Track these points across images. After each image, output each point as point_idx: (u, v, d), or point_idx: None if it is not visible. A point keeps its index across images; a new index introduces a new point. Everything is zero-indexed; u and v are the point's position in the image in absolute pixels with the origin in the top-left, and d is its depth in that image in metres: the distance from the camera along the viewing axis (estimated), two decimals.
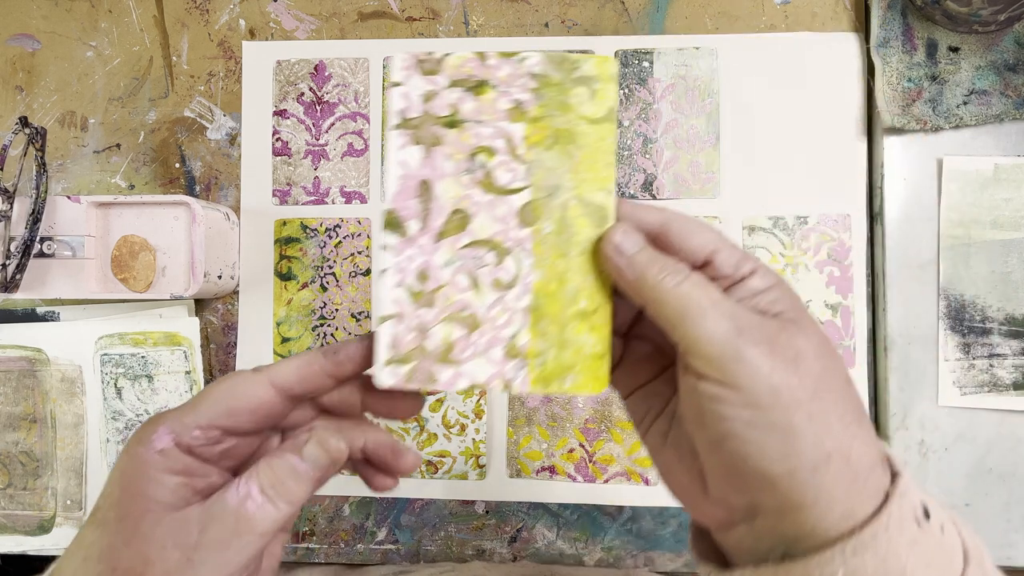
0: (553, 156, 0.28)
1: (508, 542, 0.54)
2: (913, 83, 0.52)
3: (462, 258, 0.28)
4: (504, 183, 0.28)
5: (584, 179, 0.28)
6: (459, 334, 0.28)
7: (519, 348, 0.28)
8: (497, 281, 0.28)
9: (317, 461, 0.27)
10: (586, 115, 0.28)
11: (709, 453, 0.25)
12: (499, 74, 0.28)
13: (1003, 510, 0.51)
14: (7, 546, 0.56)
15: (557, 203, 0.28)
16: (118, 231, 0.53)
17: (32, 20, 0.59)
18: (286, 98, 0.57)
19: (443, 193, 0.28)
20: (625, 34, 0.56)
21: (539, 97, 0.28)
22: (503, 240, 0.28)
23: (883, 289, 0.52)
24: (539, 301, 0.28)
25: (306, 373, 0.28)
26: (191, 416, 0.27)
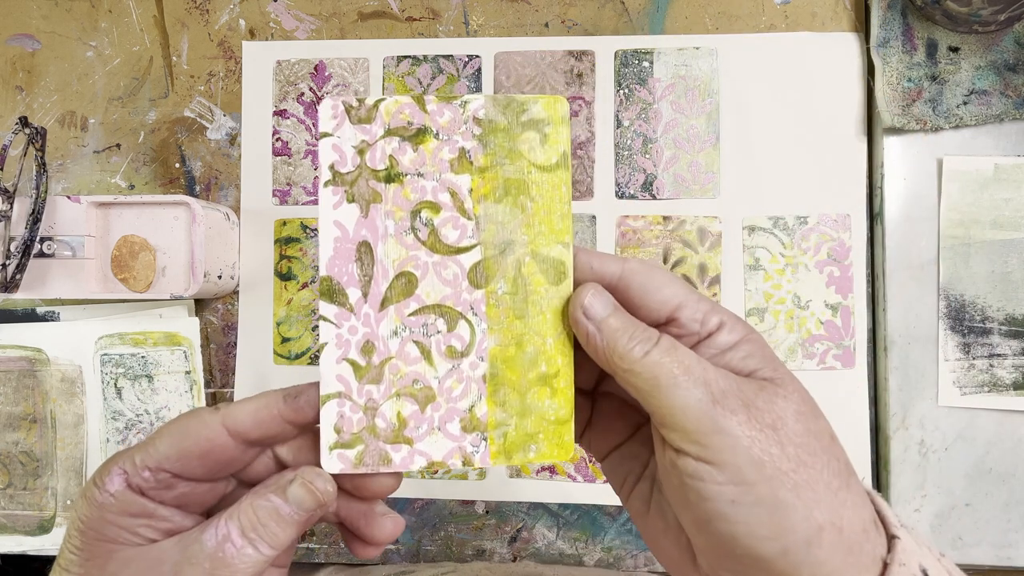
0: (504, 209, 0.26)
1: (508, 542, 0.54)
2: (913, 83, 0.52)
3: (410, 326, 0.26)
4: (452, 241, 0.26)
5: (539, 232, 0.26)
6: (412, 409, 0.26)
7: (478, 420, 0.26)
8: (450, 349, 0.26)
9: (302, 504, 0.24)
10: (537, 162, 0.26)
11: (695, 532, 0.23)
12: (440, 120, 0.26)
13: (1003, 510, 0.51)
14: (7, 546, 0.56)
15: (511, 260, 0.26)
16: (118, 231, 0.53)
17: (32, 20, 0.59)
18: (286, 98, 0.57)
19: (385, 255, 0.25)
20: (625, 34, 0.56)
21: (485, 144, 0.26)
22: (454, 304, 0.26)
23: (883, 289, 0.52)
24: (496, 368, 0.26)
25: (263, 417, 0.25)
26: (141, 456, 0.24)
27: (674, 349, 0.23)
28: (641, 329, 0.24)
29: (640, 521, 0.27)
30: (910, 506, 0.51)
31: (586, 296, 0.25)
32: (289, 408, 0.25)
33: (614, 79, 0.55)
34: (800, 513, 0.21)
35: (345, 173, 0.26)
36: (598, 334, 0.24)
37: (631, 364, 0.23)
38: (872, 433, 0.53)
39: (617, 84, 0.55)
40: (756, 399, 0.23)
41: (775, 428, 0.22)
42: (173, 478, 0.25)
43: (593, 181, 0.55)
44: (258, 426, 0.25)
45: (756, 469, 0.22)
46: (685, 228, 0.54)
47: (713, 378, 0.23)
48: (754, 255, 0.54)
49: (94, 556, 0.24)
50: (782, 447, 0.22)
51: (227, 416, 0.25)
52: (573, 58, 0.55)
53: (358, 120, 0.26)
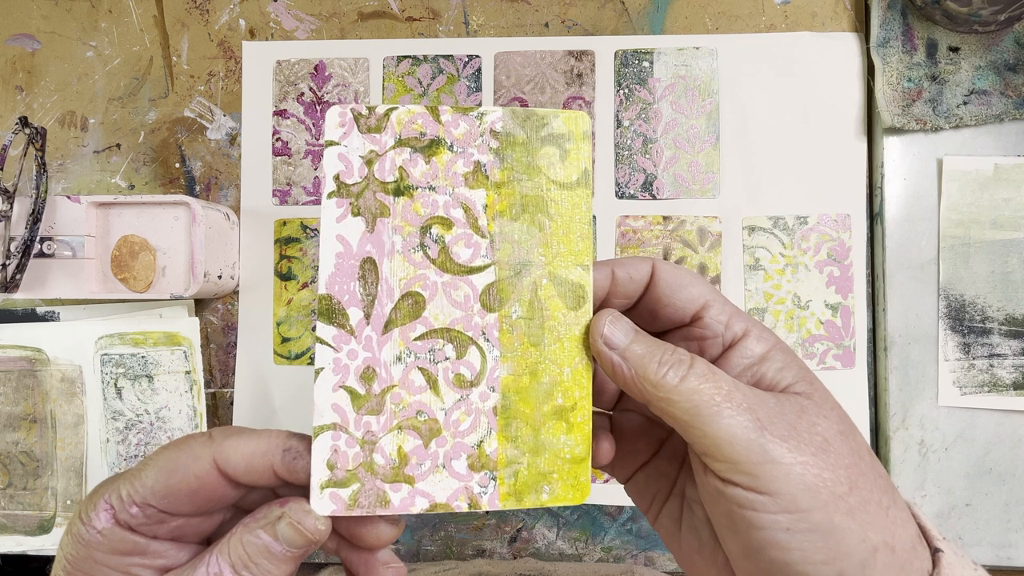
0: (520, 227, 0.24)
1: (508, 542, 0.54)
2: (913, 83, 0.52)
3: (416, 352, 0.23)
4: (464, 260, 0.24)
5: (557, 254, 0.24)
6: (414, 444, 0.23)
7: (487, 457, 0.23)
8: (458, 378, 0.24)
9: (292, 543, 0.23)
10: (557, 179, 0.24)
11: (744, 559, 0.22)
12: (455, 132, 0.24)
13: (1003, 510, 0.51)
14: (7, 546, 0.56)
15: (526, 283, 0.24)
16: (118, 231, 0.53)
17: (32, 20, 0.59)
18: (286, 98, 0.57)
19: (391, 274, 0.23)
20: (625, 34, 0.56)
21: (502, 158, 0.24)
22: (464, 328, 0.24)
23: (883, 289, 0.52)
24: (509, 400, 0.23)
25: (257, 464, 0.23)
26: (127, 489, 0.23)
27: (712, 374, 0.22)
28: (669, 352, 0.23)
29: (671, 540, 0.26)
30: None
31: (604, 324, 0.23)
32: (285, 467, 0.23)
33: (614, 79, 0.55)
34: (856, 536, 0.21)
35: (351, 184, 0.24)
36: (624, 364, 0.23)
37: (667, 392, 0.22)
38: (872, 433, 0.53)
39: (617, 84, 0.55)
40: (800, 422, 0.22)
41: (824, 451, 0.22)
42: (161, 513, 0.23)
43: (593, 181, 0.55)
44: (249, 472, 0.23)
45: (811, 496, 0.21)
46: (685, 228, 0.54)
47: (756, 403, 0.22)
48: (754, 255, 0.54)
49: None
50: (833, 470, 0.21)
51: (219, 453, 0.23)
52: (573, 58, 0.55)
53: (367, 129, 0.24)
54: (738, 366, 0.24)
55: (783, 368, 0.24)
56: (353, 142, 0.24)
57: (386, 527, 0.24)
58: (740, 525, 0.21)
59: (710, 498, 0.23)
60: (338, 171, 0.24)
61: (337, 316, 0.23)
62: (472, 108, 0.24)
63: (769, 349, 0.24)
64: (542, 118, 0.24)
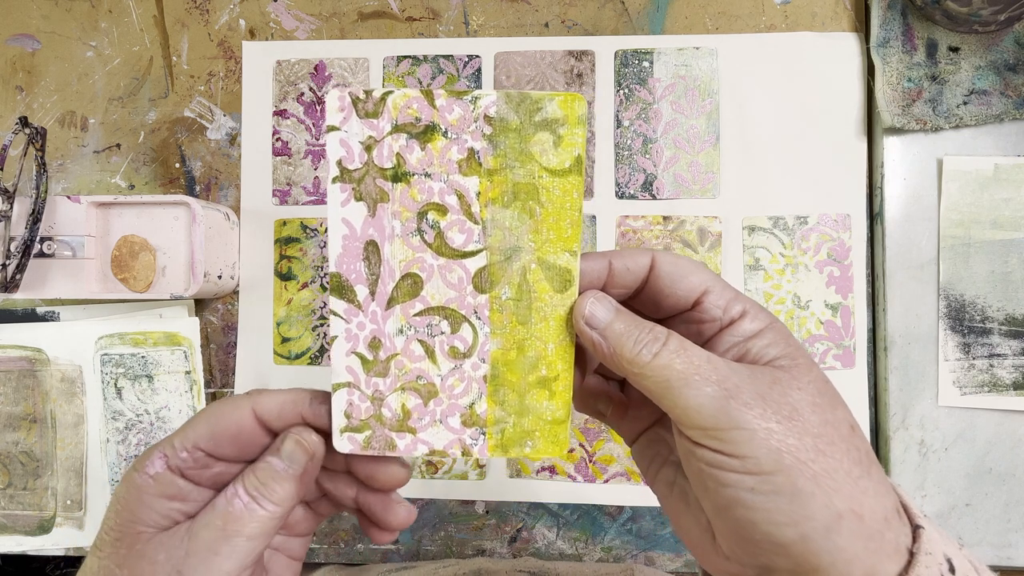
0: (512, 214, 0.25)
1: (508, 542, 0.54)
2: (913, 83, 0.52)
3: (415, 326, 0.26)
4: (458, 245, 0.25)
5: (547, 240, 0.25)
6: (415, 403, 0.26)
7: (477, 416, 0.26)
8: (453, 350, 0.26)
9: (294, 457, 0.26)
10: (549, 166, 0.25)
11: (716, 517, 0.24)
12: (449, 117, 0.25)
13: (1003, 510, 0.51)
14: (7, 546, 0.56)
15: (516, 267, 0.25)
16: (118, 231, 0.53)
17: (32, 20, 0.59)
18: (286, 98, 0.57)
19: (392, 256, 0.25)
20: (625, 34, 0.56)
21: (495, 145, 0.25)
22: (458, 307, 0.26)
23: (883, 289, 0.52)
24: (497, 370, 0.26)
25: (288, 411, 0.27)
26: (179, 439, 0.27)
27: (683, 349, 0.23)
28: (647, 331, 0.24)
29: (665, 503, 0.28)
30: None
31: (587, 305, 0.25)
32: (311, 412, 0.27)
33: (614, 79, 0.55)
34: (819, 501, 0.22)
35: (353, 170, 0.25)
36: (604, 341, 0.24)
37: (641, 368, 0.24)
38: (872, 433, 0.53)
39: (617, 84, 0.55)
40: (771, 391, 0.23)
41: (791, 419, 0.22)
42: (207, 457, 0.27)
43: (593, 181, 0.55)
44: (281, 418, 0.27)
45: (774, 459, 0.22)
46: (685, 228, 0.54)
47: (725, 375, 0.23)
48: (754, 255, 0.54)
49: (124, 536, 0.26)
50: (800, 437, 0.22)
51: (257, 403, 0.27)
52: (573, 58, 0.55)
53: (365, 114, 0.25)
54: (728, 343, 0.25)
55: (770, 345, 0.25)
56: (353, 127, 0.25)
57: (398, 467, 0.28)
58: (710, 484, 0.23)
59: (685, 460, 0.24)
60: (340, 156, 0.25)
61: (346, 292, 0.26)
62: (467, 92, 0.25)
63: (762, 328, 0.25)
64: (536, 102, 0.25)
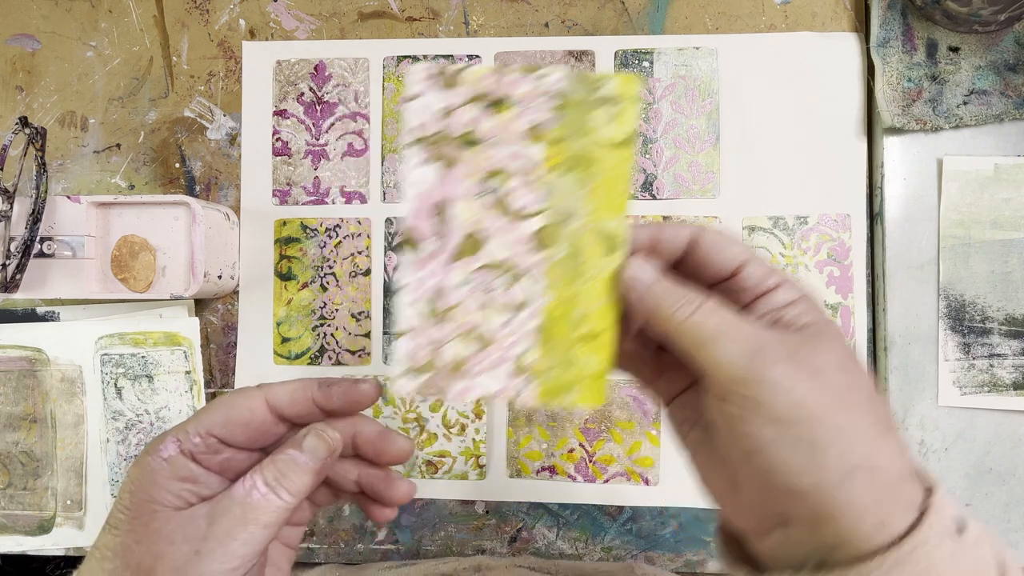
0: (569, 181, 0.28)
1: (508, 542, 0.54)
2: (913, 83, 0.52)
3: (475, 280, 0.28)
4: (519, 207, 0.28)
5: (599, 206, 0.28)
6: (470, 351, 0.28)
7: (526, 366, 0.28)
8: (508, 303, 0.28)
9: (315, 451, 0.28)
10: (605, 139, 0.28)
11: (739, 466, 0.25)
12: (518, 91, 0.28)
13: (1003, 510, 0.51)
14: (7, 546, 0.56)
15: (571, 229, 0.28)
16: (118, 231, 0.53)
17: (32, 20, 0.59)
18: (286, 98, 0.57)
19: (458, 215, 0.28)
20: (625, 34, 0.56)
21: (559, 117, 0.28)
22: (516, 264, 0.28)
23: (883, 289, 0.52)
24: (547, 324, 0.28)
25: (299, 397, 0.29)
26: (193, 425, 0.28)
27: (716, 310, 0.25)
28: (683, 293, 0.26)
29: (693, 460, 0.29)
30: None
31: (632, 268, 0.27)
32: (321, 394, 0.29)
33: None
34: (835, 453, 0.23)
35: (429, 135, 0.28)
36: (643, 301, 0.27)
37: (676, 325, 0.25)
38: None
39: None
40: (799, 350, 0.24)
41: (815, 377, 0.24)
42: (219, 443, 0.28)
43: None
44: (292, 404, 0.29)
45: (795, 411, 0.23)
46: None
47: (755, 334, 0.25)
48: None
49: (140, 515, 0.27)
50: (822, 394, 0.23)
51: (269, 392, 0.29)
52: (573, 58, 0.55)
53: (444, 85, 0.28)
54: (762, 311, 0.26)
55: (802, 314, 0.26)
56: (432, 97, 0.28)
57: (404, 441, 0.31)
58: (735, 435, 0.24)
59: (714, 413, 0.26)
60: (418, 122, 0.28)
61: (415, 246, 0.28)
62: (535, 68, 0.28)
63: (795, 299, 0.26)
64: (597, 81, 0.27)
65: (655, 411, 0.54)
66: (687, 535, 0.53)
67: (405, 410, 0.55)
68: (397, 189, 0.56)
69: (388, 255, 0.56)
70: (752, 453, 0.24)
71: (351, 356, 0.55)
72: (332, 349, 0.55)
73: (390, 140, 0.56)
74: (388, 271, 0.56)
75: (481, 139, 0.28)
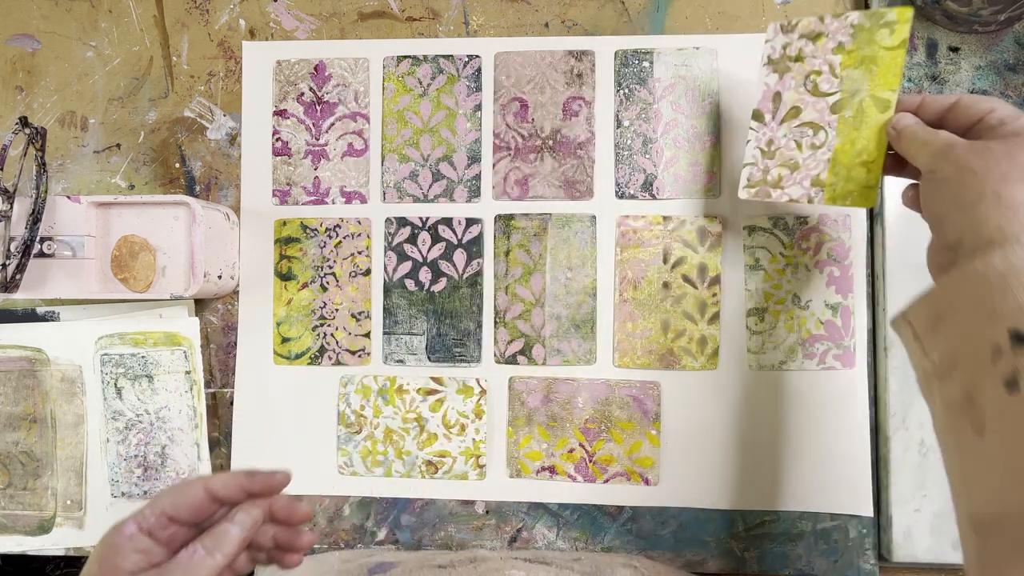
0: (858, 72, 0.44)
1: (508, 542, 0.54)
2: (913, 83, 0.52)
3: (793, 133, 0.46)
4: (824, 90, 0.45)
5: (877, 84, 0.43)
6: (786, 173, 0.47)
7: (820, 180, 0.46)
8: (812, 144, 0.46)
9: (243, 523, 0.36)
10: (884, 44, 0.43)
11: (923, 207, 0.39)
12: (831, 27, 0.45)
13: None
14: (7, 546, 0.56)
15: (857, 99, 0.44)
16: (118, 231, 0.53)
17: (32, 20, 0.59)
18: (286, 98, 0.57)
19: (786, 99, 0.47)
20: (625, 34, 0.56)
21: (855, 38, 0.44)
22: (818, 121, 0.46)
23: (883, 289, 0.52)
24: (835, 156, 0.45)
25: (231, 483, 0.37)
26: (149, 508, 0.36)
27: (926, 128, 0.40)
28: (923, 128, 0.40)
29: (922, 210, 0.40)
30: (910, 506, 0.51)
31: (897, 116, 0.42)
32: (248, 481, 0.38)
33: (614, 79, 0.55)
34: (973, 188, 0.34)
35: (774, 59, 0.47)
36: (894, 133, 0.42)
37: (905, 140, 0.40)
38: (872, 433, 0.53)
39: (617, 84, 0.55)
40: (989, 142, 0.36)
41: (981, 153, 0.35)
42: (168, 521, 0.36)
43: (593, 181, 0.55)
44: (225, 488, 0.37)
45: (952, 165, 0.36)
46: (685, 228, 0.54)
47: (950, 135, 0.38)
48: (754, 255, 0.54)
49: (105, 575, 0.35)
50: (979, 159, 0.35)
51: (208, 480, 0.37)
52: (573, 58, 0.55)
53: (784, 31, 0.46)
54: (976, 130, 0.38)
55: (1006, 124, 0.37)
56: (778, 38, 0.47)
57: (306, 506, 0.41)
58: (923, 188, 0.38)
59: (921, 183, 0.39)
60: (768, 53, 0.47)
61: (760, 117, 0.48)
62: (841, 14, 0.44)
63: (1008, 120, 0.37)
64: (882, 14, 0.43)
65: (655, 411, 0.54)
66: (687, 535, 0.53)
67: (405, 410, 0.55)
68: (397, 189, 0.56)
69: (388, 255, 0.56)
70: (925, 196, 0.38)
71: (351, 356, 0.55)
72: (332, 349, 0.55)
73: (390, 140, 0.56)
74: (388, 271, 0.56)
75: (804, 56, 0.46)
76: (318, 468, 0.55)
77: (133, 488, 0.56)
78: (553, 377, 0.54)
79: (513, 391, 0.55)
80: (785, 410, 0.53)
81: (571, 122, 0.55)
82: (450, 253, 0.55)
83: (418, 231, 0.56)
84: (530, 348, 0.55)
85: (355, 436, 0.55)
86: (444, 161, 0.56)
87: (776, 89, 0.46)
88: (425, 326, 0.55)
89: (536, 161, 0.55)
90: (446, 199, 0.56)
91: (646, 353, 0.54)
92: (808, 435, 0.53)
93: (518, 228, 0.55)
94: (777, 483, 0.53)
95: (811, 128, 0.46)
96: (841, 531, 0.53)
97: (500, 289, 0.55)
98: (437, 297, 0.55)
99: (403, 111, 0.56)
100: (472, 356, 0.55)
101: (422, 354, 0.55)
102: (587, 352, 0.54)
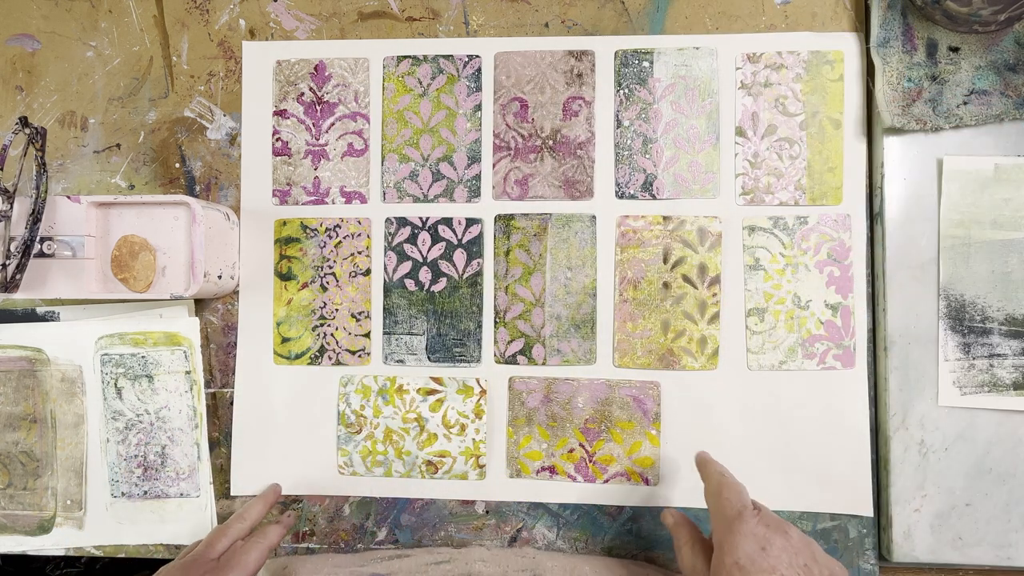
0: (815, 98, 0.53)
1: (508, 542, 0.54)
2: (913, 83, 0.52)
3: (774, 147, 0.53)
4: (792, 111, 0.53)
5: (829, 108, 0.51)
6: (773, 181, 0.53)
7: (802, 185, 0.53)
8: (790, 155, 0.53)
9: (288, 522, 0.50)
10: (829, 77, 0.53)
11: None
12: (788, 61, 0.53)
13: (1003, 510, 0.51)
14: (7, 546, 0.56)
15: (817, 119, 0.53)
16: (118, 231, 0.53)
17: (32, 20, 0.59)
18: (286, 98, 0.57)
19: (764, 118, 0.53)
20: (625, 34, 0.56)
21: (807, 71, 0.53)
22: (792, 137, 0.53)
23: (883, 289, 0.52)
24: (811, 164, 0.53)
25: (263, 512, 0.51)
26: None
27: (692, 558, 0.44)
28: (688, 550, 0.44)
29: None
30: (910, 506, 0.51)
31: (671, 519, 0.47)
32: None
33: (614, 79, 0.55)
34: None
35: (747, 84, 0.54)
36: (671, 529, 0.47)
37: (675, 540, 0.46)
38: (872, 433, 0.53)
39: (617, 84, 0.55)
40: None
41: None
42: None
43: (593, 181, 0.55)
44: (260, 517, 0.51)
45: None
46: (685, 228, 0.54)
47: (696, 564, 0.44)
48: (754, 255, 0.54)
49: None
50: None
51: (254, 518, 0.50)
52: (573, 58, 0.55)
53: (752, 61, 0.53)
54: None
55: None
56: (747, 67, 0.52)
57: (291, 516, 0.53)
58: None
59: None
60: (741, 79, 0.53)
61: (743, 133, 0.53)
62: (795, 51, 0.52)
63: None
64: (824, 54, 0.51)
65: (655, 411, 0.54)
66: None
67: (405, 410, 0.55)
68: (397, 189, 0.56)
69: (388, 255, 0.56)
70: None
71: (351, 356, 0.55)
72: (332, 349, 0.55)
73: (390, 140, 0.56)
74: (388, 271, 0.56)
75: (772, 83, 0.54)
76: (318, 468, 0.55)
77: (133, 488, 0.56)
78: (553, 377, 0.54)
79: (513, 391, 0.55)
80: (785, 410, 0.53)
81: (571, 122, 0.55)
82: (450, 253, 0.55)
83: (418, 231, 0.56)
84: (530, 348, 0.55)
85: (355, 436, 0.55)
86: (444, 161, 0.56)
87: (753, 110, 0.54)
88: (425, 326, 0.55)
89: (536, 161, 0.55)
90: (446, 199, 0.56)
91: (646, 353, 0.54)
92: (808, 435, 0.53)
93: (518, 228, 0.55)
94: (777, 483, 0.53)
95: (787, 142, 0.53)
96: (841, 531, 0.53)
97: (500, 289, 0.55)
98: (437, 297, 0.55)
99: (403, 111, 0.56)
100: (472, 356, 0.55)
101: (422, 354, 0.55)
102: (587, 352, 0.54)
